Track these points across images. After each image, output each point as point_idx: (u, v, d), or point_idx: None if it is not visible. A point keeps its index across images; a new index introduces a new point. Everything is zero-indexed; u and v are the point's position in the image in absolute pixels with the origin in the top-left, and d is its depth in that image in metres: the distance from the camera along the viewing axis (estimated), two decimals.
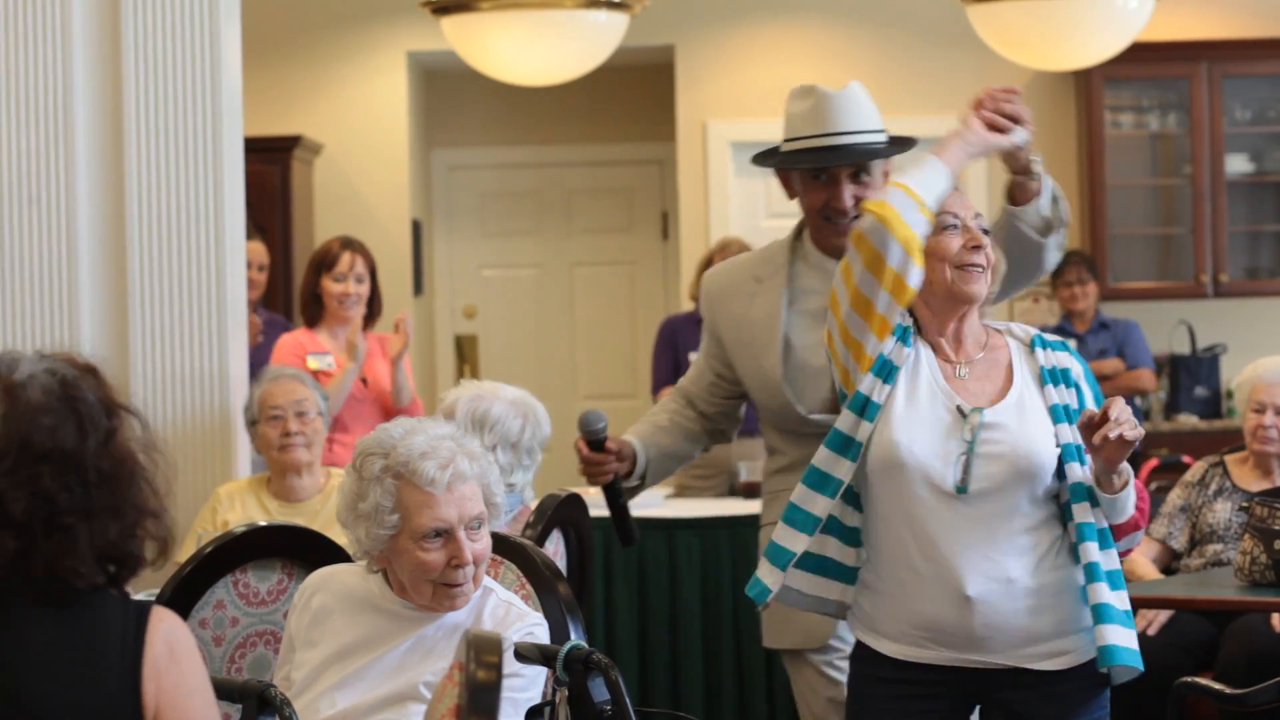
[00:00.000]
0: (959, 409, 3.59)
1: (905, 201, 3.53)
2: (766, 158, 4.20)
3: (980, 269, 3.62)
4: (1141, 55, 8.68)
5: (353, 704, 3.56)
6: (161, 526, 2.58)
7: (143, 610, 2.55)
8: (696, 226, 9.51)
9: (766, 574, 3.66)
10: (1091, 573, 3.57)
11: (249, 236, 6.66)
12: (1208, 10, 9.38)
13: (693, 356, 7.86)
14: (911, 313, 3.67)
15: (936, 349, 3.67)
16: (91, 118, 5.64)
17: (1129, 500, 3.64)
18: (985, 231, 3.64)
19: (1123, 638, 3.61)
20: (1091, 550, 3.58)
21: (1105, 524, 3.63)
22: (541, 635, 3.57)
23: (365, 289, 6.78)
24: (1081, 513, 3.60)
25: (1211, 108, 9.11)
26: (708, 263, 7.96)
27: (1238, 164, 9.24)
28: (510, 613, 3.57)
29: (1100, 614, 3.58)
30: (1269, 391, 5.76)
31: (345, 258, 6.74)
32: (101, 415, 2.53)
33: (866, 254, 3.53)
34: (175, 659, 2.53)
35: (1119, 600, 3.61)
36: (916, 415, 3.60)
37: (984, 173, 9.43)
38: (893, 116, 4.46)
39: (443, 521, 3.48)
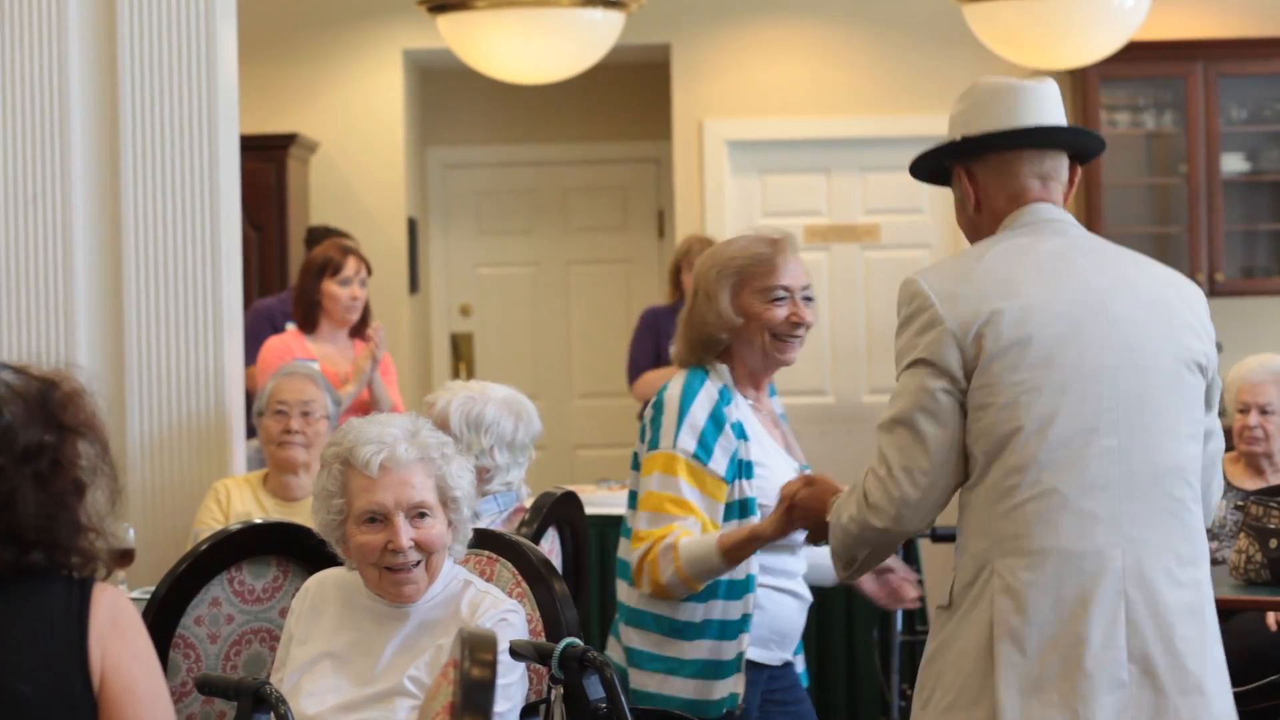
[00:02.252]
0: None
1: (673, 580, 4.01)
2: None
3: (798, 340, 4.16)
4: (1137, 54, 8.68)
5: (340, 701, 3.58)
6: (88, 542, 2.65)
7: (85, 585, 2.64)
8: (692, 225, 9.50)
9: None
10: None
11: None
12: (1203, 9, 9.38)
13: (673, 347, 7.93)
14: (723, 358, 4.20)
15: (746, 396, 4.19)
16: (87, 116, 5.64)
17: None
18: (809, 300, 4.17)
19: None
20: None
21: None
22: (515, 621, 3.59)
23: (366, 293, 6.80)
24: None
25: (1207, 107, 9.11)
26: (676, 269, 7.98)
27: (1233, 163, 9.24)
28: (485, 600, 3.60)
29: None
30: (1253, 391, 5.77)
31: (350, 262, 6.74)
32: (19, 434, 2.62)
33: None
34: (119, 628, 2.64)
35: None
36: (778, 476, 4.12)
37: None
38: (888, 115, 4.47)
39: (377, 505, 3.57)
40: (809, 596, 4.26)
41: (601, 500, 6.85)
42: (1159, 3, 8.27)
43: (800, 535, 4.00)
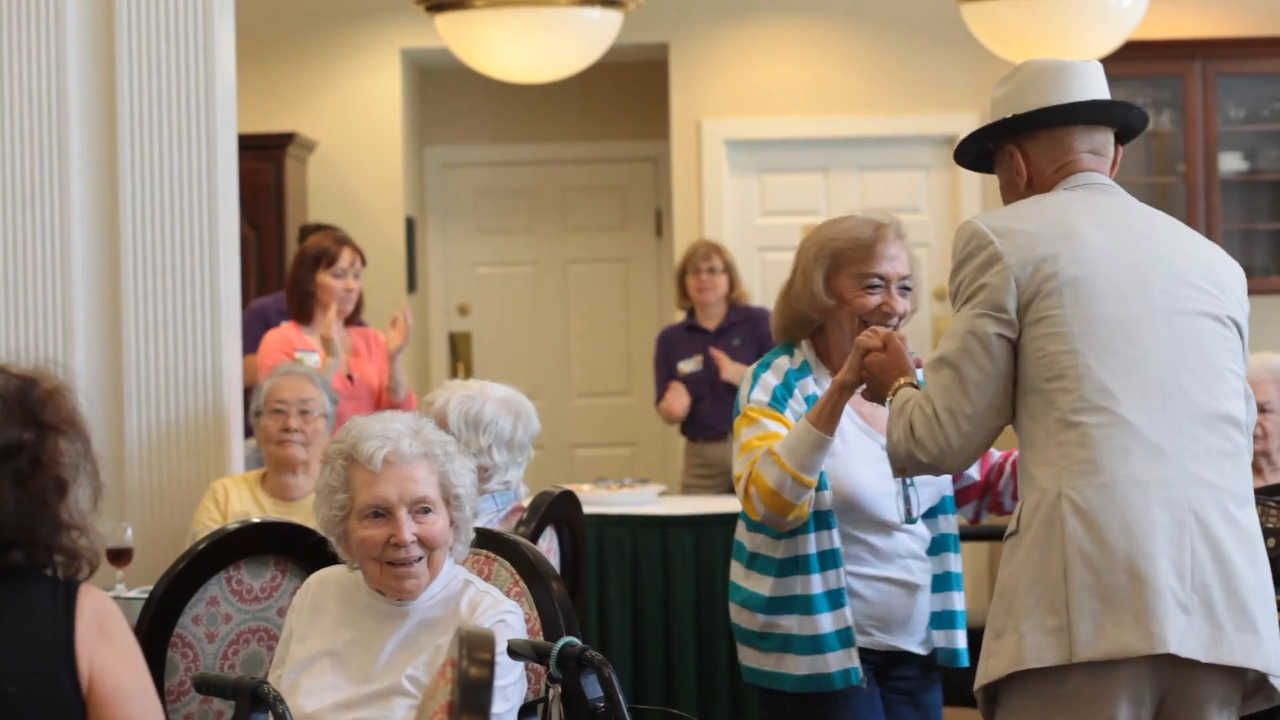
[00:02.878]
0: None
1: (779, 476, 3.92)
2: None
3: (891, 328, 3.99)
4: (1135, 54, 8.68)
5: (338, 699, 3.59)
6: (70, 540, 2.65)
7: (70, 586, 2.64)
8: (690, 224, 9.51)
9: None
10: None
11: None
12: (1201, 9, 9.38)
13: (682, 365, 7.94)
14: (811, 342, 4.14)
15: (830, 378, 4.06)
16: (85, 115, 5.64)
17: None
18: (906, 290, 4.11)
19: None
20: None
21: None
22: (514, 622, 3.59)
23: (359, 285, 6.80)
24: (948, 524, 4.22)
25: (1205, 106, 9.11)
26: (682, 274, 7.97)
27: (1231, 162, 9.24)
28: (484, 600, 3.61)
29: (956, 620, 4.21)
30: (1252, 390, 5.76)
31: (346, 254, 6.73)
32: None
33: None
34: (105, 630, 2.63)
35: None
36: (852, 452, 4.06)
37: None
38: (886, 115, 4.47)
39: (380, 499, 3.58)
40: (921, 579, 4.16)
41: (599, 500, 6.85)
42: (1157, 2, 8.27)
43: (895, 517, 4.02)
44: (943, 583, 4.20)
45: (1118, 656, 3.27)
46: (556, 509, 4.77)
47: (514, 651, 3.51)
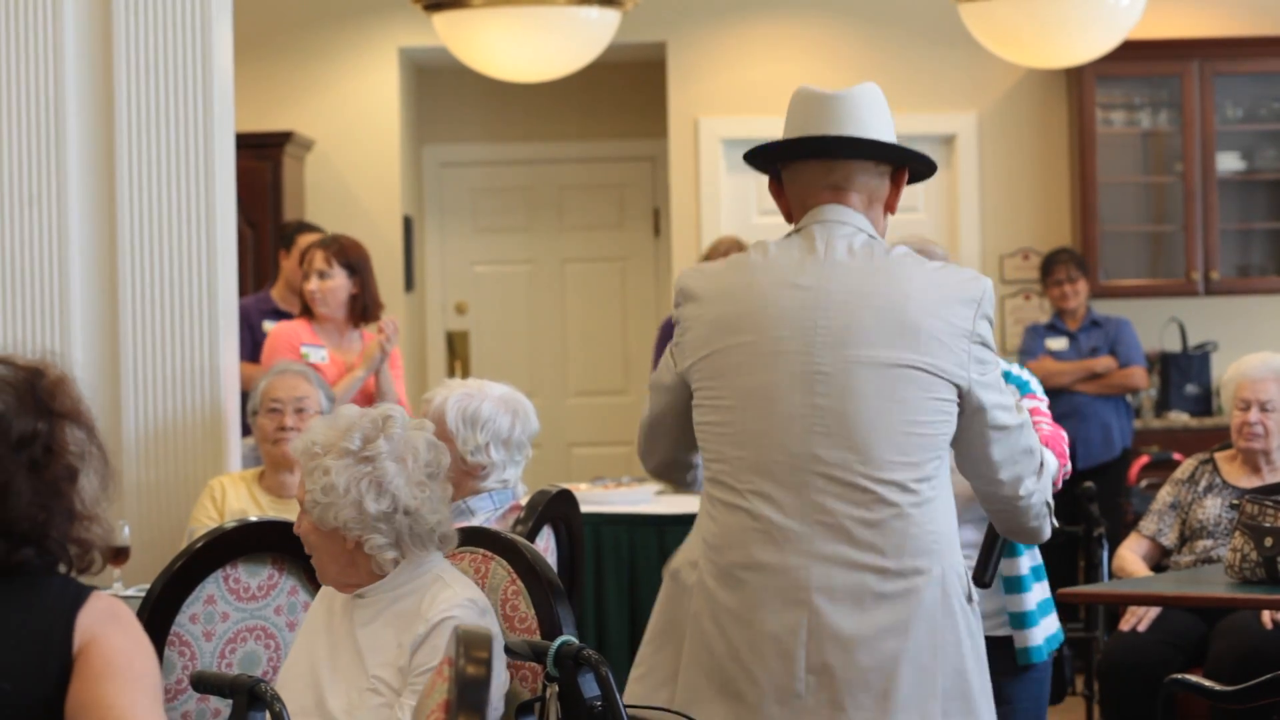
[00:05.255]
0: None
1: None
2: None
3: None
4: (1133, 53, 8.69)
5: (313, 698, 3.60)
6: (84, 529, 2.65)
7: (82, 590, 2.61)
8: (688, 223, 9.51)
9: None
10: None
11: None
12: (1199, 8, 9.39)
13: None
14: None
15: None
16: (83, 114, 5.64)
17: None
18: None
19: None
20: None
21: None
22: (464, 617, 3.55)
23: (333, 285, 6.66)
24: None
25: (1203, 105, 9.12)
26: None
27: (1229, 162, 9.25)
28: (441, 596, 3.59)
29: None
30: (1253, 388, 5.77)
31: (317, 256, 6.66)
32: (13, 424, 2.61)
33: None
34: (114, 614, 2.59)
35: None
36: None
37: (976, 186, 9.45)
38: None
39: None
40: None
41: (597, 498, 6.84)
42: (1154, 2, 8.27)
43: None
44: (1013, 585, 4.27)
45: None
46: (554, 508, 4.77)
47: (511, 650, 3.51)
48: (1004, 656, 4.33)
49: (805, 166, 3.53)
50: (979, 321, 3.43)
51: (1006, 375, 4.23)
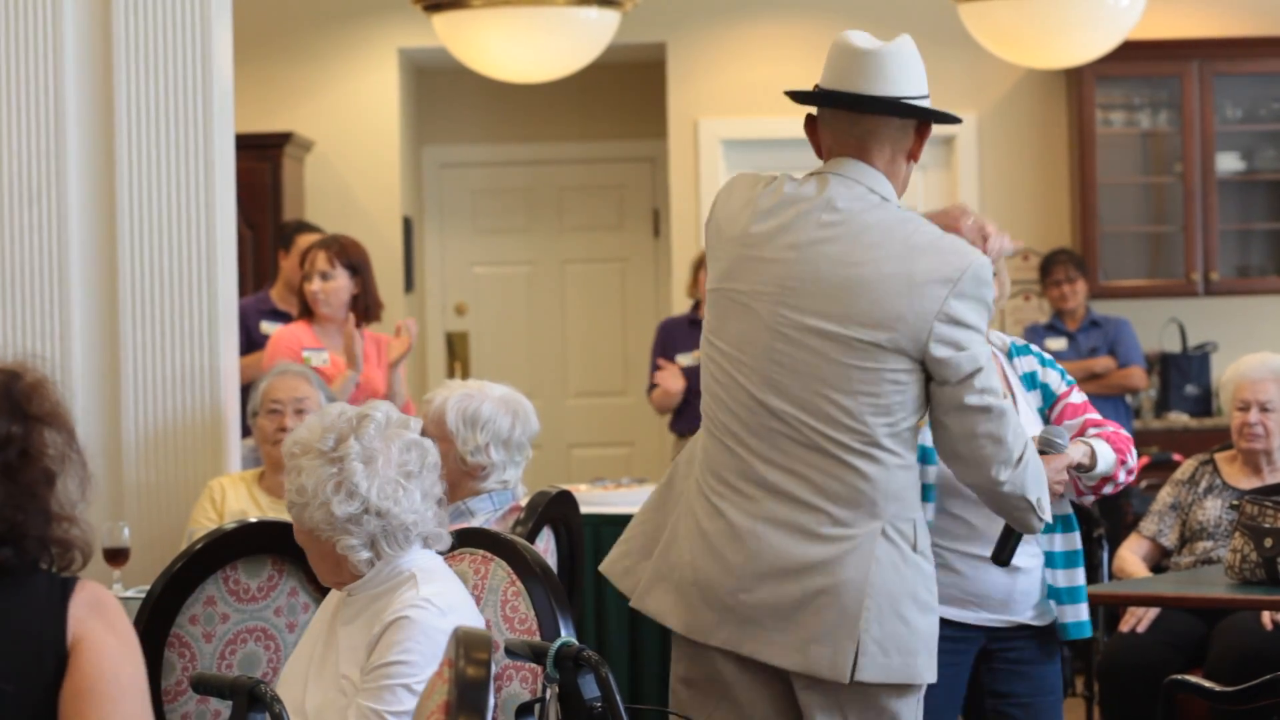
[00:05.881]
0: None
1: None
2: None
3: None
4: (1132, 53, 8.69)
5: (303, 695, 3.61)
6: (62, 531, 2.67)
7: (67, 584, 2.64)
8: (688, 224, 9.51)
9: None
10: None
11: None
12: (1198, 9, 9.39)
13: (680, 359, 7.91)
14: None
15: None
16: (82, 115, 5.64)
17: (1104, 469, 4.29)
18: None
19: None
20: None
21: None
22: (418, 618, 3.53)
23: (335, 286, 6.67)
24: (1061, 506, 4.32)
25: (1202, 106, 9.12)
26: (700, 263, 7.96)
27: (1228, 162, 9.25)
28: (404, 595, 3.58)
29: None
30: (1252, 389, 5.77)
31: (319, 257, 6.68)
32: None
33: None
34: (101, 608, 2.62)
35: None
36: None
37: (976, 186, 9.45)
38: None
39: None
40: (1024, 563, 4.21)
41: (597, 499, 6.84)
42: (1154, 2, 8.27)
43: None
44: (1070, 559, 4.29)
45: None
46: (553, 509, 4.77)
47: (511, 650, 3.50)
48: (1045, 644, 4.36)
49: (835, 115, 3.74)
50: (953, 301, 3.57)
51: (1042, 360, 4.36)
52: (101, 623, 2.62)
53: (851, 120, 3.72)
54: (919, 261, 3.60)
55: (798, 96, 3.80)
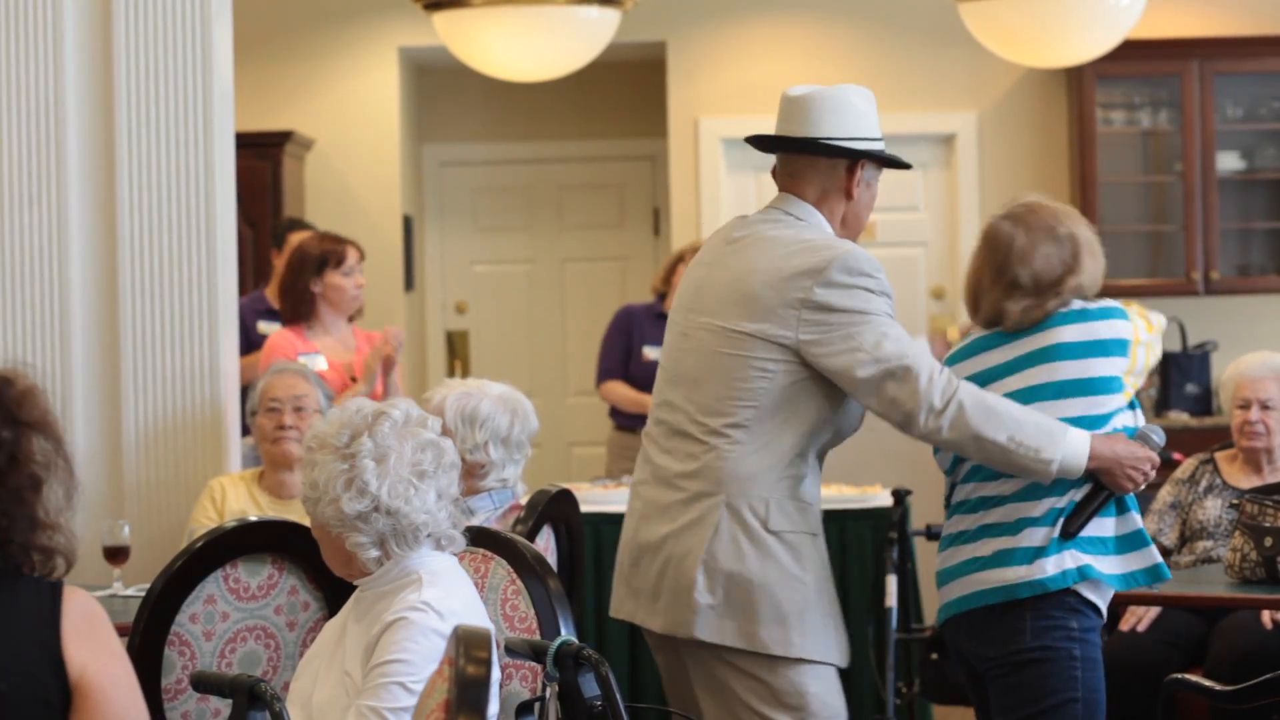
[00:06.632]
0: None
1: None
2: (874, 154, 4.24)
3: None
4: (1133, 52, 8.68)
5: (312, 693, 3.62)
6: (46, 538, 2.69)
7: (56, 587, 2.68)
8: (688, 222, 9.51)
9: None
10: None
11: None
12: (1199, 8, 9.38)
13: (648, 350, 7.86)
14: None
15: None
16: (83, 114, 5.64)
17: None
18: None
19: None
20: None
21: None
22: (416, 619, 3.53)
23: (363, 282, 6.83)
24: None
25: (1203, 105, 9.11)
26: (678, 259, 7.93)
27: (1229, 161, 9.24)
28: (406, 597, 3.58)
29: None
30: (1253, 387, 5.77)
31: (351, 252, 6.74)
32: None
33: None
34: (93, 626, 2.68)
35: None
36: None
37: (975, 186, 9.44)
38: (883, 113, 4.50)
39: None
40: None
41: (596, 498, 6.84)
42: (1154, 1, 8.27)
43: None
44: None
45: None
46: (554, 507, 4.77)
47: (511, 649, 3.50)
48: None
49: (777, 157, 4.21)
50: (819, 289, 3.95)
51: (1110, 311, 4.57)
52: (103, 650, 2.65)
53: (784, 160, 4.17)
54: (791, 260, 4.00)
55: (751, 142, 4.27)
